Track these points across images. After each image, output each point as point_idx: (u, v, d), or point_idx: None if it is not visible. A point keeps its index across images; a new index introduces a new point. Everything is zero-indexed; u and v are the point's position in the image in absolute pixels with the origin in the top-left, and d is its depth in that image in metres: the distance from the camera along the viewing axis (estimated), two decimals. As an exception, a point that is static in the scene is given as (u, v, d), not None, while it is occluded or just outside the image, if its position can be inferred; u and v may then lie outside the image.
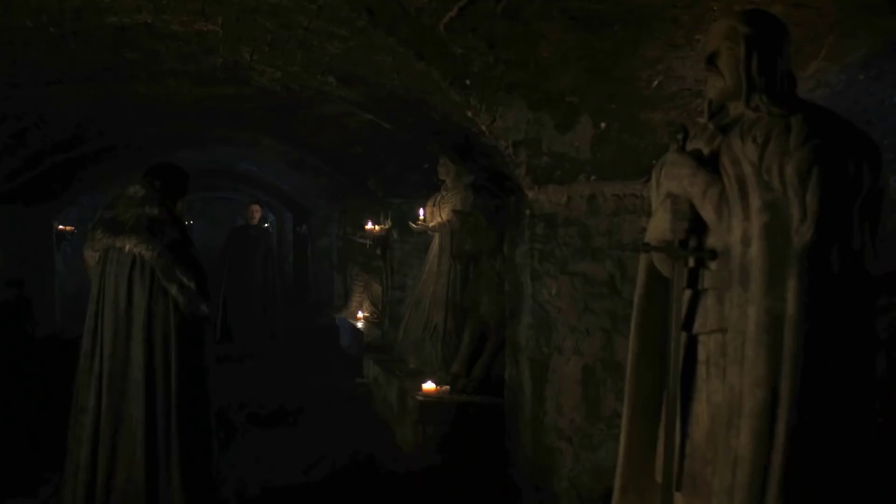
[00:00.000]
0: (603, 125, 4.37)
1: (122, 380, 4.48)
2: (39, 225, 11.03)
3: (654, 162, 4.38)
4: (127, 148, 9.66)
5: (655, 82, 4.07)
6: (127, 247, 4.48)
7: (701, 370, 2.86)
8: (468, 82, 4.23)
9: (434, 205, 7.75)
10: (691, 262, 2.85)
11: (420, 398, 6.56)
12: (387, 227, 9.97)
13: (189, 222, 49.64)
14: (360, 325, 11.26)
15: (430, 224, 7.79)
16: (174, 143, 10.92)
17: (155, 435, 4.44)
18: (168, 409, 4.45)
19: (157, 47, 5.13)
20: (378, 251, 10.50)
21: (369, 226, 10.31)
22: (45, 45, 4.93)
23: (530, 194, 4.85)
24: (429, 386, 6.66)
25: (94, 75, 5.85)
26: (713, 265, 2.78)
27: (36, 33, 4.66)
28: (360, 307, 11.84)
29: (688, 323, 2.89)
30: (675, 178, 2.85)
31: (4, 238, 9.42)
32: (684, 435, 2.89)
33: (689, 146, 2.94)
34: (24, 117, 6.95)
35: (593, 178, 4.61)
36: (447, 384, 6.79)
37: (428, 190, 8.26)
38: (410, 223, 8.28)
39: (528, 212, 4.92)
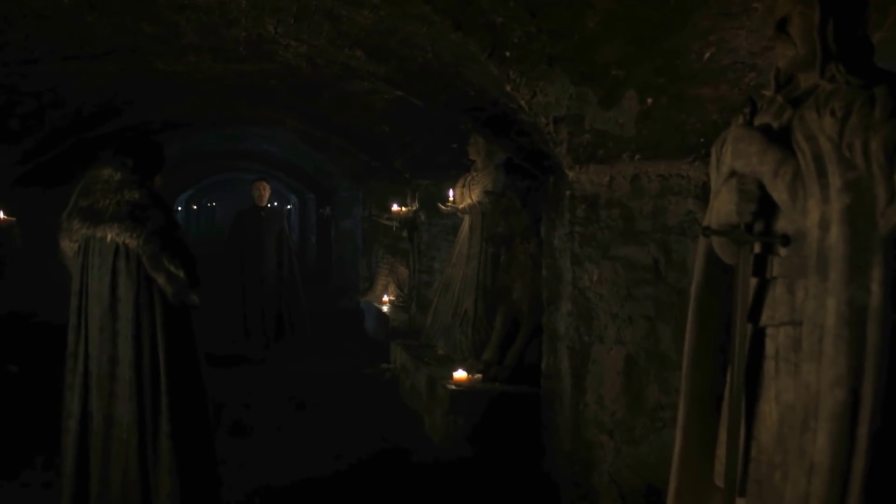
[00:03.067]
0: (649, 101, 4.17)
1: (110, 380, 4.23)
2: (60, 207, 10.89)
3: (702, 140, 4.22)
4: (148, 127, 9.52)
5: (707, 55, 3.87)
6: (109, 236, 4.21)
7: (769, 366, 2.65)
8: (508, 54, 4.01)
9: (464, 185, 7.61)
10: (757, 248, 2.62)
11: (451, 387, 6.38)
12: (414, 208, 9.85)
13: (211, 204, 49.74)
14: (385, 309, 11.14)
15: (460, 205, 7.65)
16: (195, 122, 10.81)
17: (146, 438, 4.20)
18: (160, 409, 4.21)
19: (177, 19, 4.97)
20: (404, 233, 10.35)
21: (395, 207, 10.18)
22: (60, 18, 4.80)
23: (571, 174, 4.64)
24: (460, 374, 6.48)
25: (111, 50, 5.72)
26: (783, 251, 2.55)
27: (50, 5, 4.52)
28: (385, 291, 11.72)
29: (753, 314, 2.67)
30: (742, 156, 2.61)
31: (24, 220, 9.29)
32: (749, 436, 2.69)
33: (756, 121, 2.70)
34: (42, 96, 6.83)
35: (637, 157, 4.43)
36: (479, 372, 6.60)
37: (456, 170, 8.12)
38: (440, 204, 8.15)
39: (568, 193, 4.71)
